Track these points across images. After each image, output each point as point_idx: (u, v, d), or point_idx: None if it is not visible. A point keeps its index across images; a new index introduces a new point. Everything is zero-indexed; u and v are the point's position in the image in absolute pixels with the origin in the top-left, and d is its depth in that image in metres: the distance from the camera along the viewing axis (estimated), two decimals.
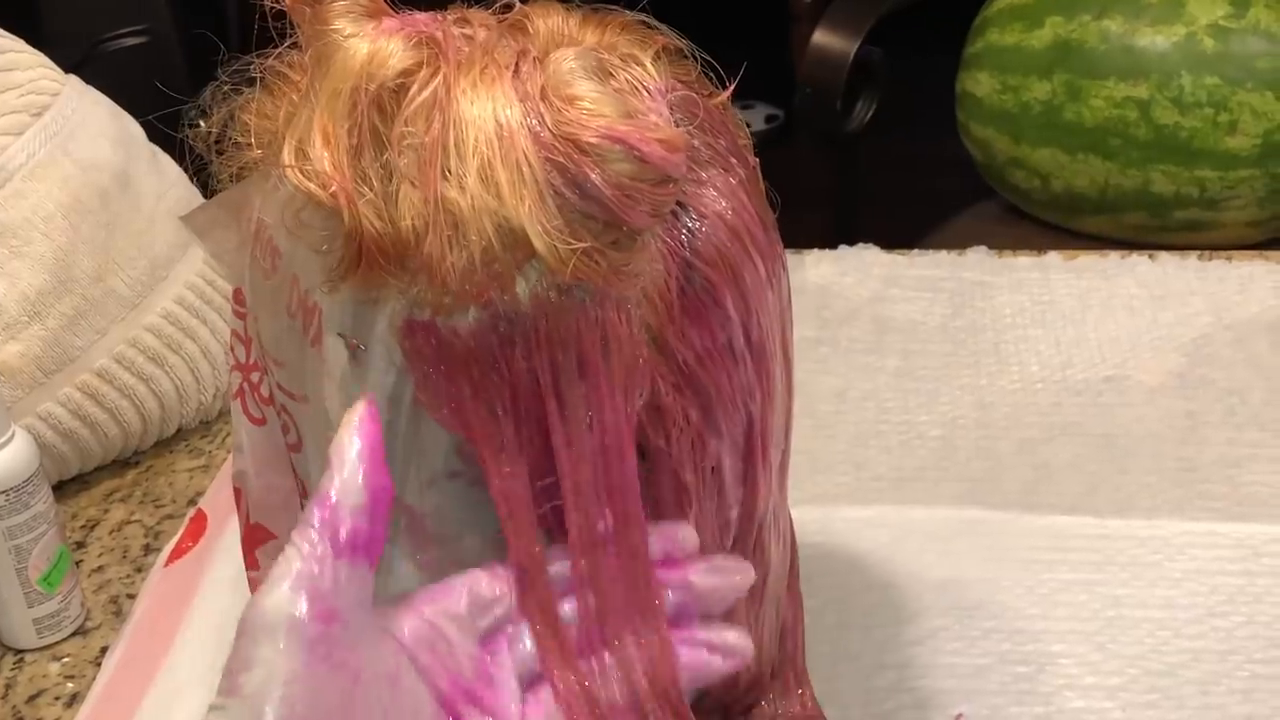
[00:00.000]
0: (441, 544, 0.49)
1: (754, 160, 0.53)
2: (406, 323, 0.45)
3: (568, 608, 0.47)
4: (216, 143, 0.49)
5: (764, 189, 0.53)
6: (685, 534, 0.50)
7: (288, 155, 0.44)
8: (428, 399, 0.45)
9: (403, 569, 0.50)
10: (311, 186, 0.43)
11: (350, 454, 0.43)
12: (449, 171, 0.43)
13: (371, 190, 0.43)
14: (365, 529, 0.43)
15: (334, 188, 0.43)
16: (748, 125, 0.53)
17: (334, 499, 0.43)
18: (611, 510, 0.46)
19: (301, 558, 0.42)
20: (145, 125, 0.91)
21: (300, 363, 0.49)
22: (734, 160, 0.51)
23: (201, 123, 0.50)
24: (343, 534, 0.42)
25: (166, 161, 0.91)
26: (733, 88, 0.53)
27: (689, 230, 0.48)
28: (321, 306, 0.47)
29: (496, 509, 0.46)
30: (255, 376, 0.55)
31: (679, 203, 0.48)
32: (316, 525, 0.42)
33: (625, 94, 0.46)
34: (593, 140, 0.44)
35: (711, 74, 0.52)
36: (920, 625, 0.72)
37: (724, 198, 0.49)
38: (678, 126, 0.47)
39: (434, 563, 0.49)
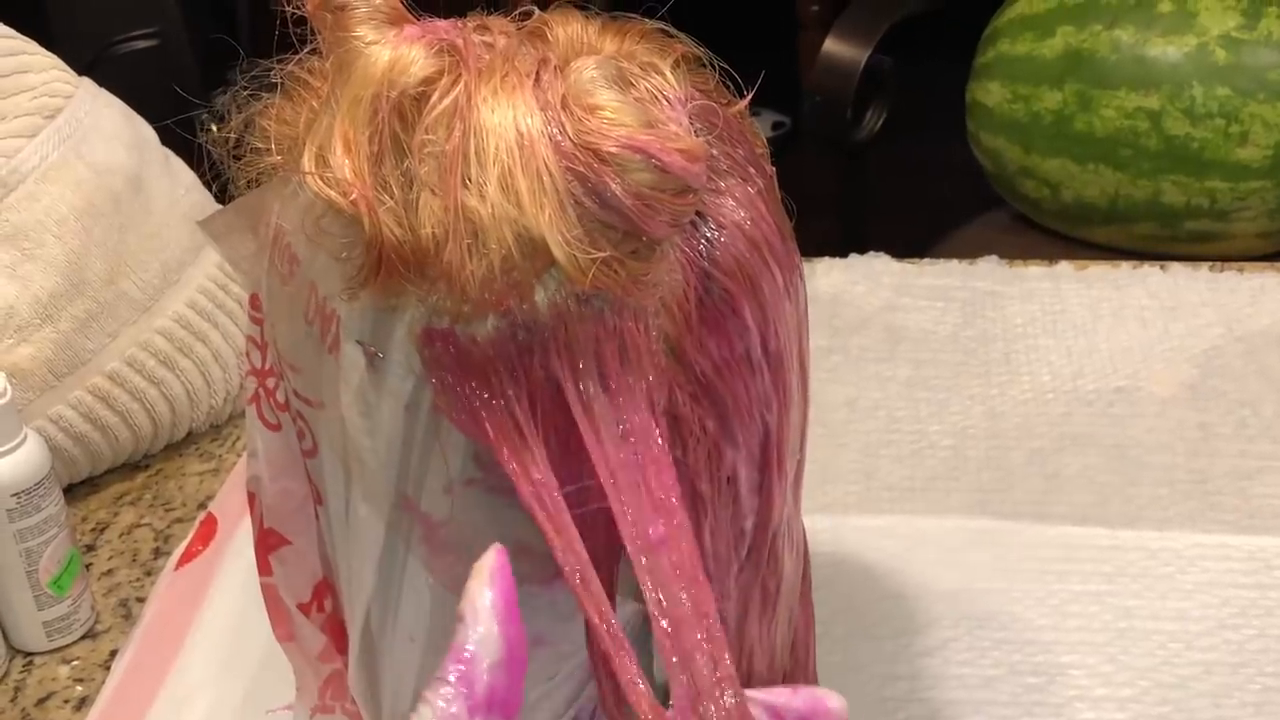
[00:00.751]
0: (458, 552, 0.48)
1: (771, 169, 0.53)
2: (425, 330, 0.45)
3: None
4: (234, 148, 0.49)
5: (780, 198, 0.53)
6: (835, 703, 0.47)
7: (308, 162, 0.44)
8: (447, 406, 0.45)
9: (414, 577, 0.50)
10: (332, 194, 0.43)
11: (484, 605, 0.42)
12: (469, 180, 0.43)
13: (392, 198, 0.43)
14: (503, 685, 0.42)
15: (354, 195, 0.43)
16: (766, 141, 0.53)
17: (469, 654, 0.42)
18: (657, 514, 0.46)
19: (436, 715, 0.41)
20: (157, 129, 0.91)
21: (317, 369, 0.49)
22: (752, 170, 0.51)
23: (215, 127, 0.49)
24: (479, 690, 0.41)
25: (179, 165, 0.91)
26: (750, 97, 0.53)
27: (707, 240, 0.48)
28: (340, 314, 0.47)
29: (531, 515, 0.45)
30: (271, 382, 0.55)
31: (698, 213, 0.48)
32: (454, 681, 0.41)
33: (646, 103, 0.46)
34: (613, 150, 0.44)
35: (725, 82, 0.52)
36: (931, 636, 0.72)
37: (742, 208, 0.49)
38: (697, 136, 0.47)
39: (449, 570, 0.49)
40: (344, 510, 0.51)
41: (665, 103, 0.47)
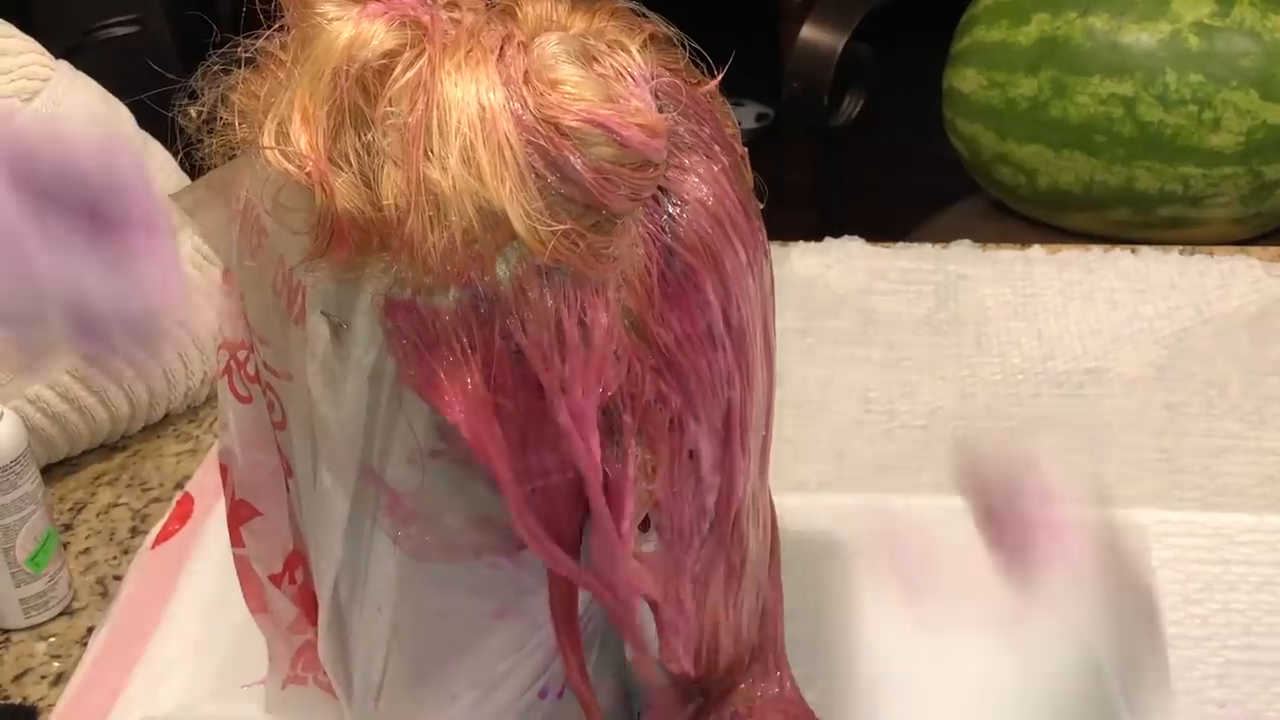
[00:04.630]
0: (421, 522, 0.49)
1: (742, 149, 0.53)
2: (388, 302, 0.45)
3: None
4: (207, 123, 0.50)
5: (753, 180, 0.53)
6: None
7: (268, 136, 0.45)
8: (410, 377, 0.46)
9: (380, 547, 0.51)
10: (289, 167, 0.44)
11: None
12: (431, 152, 0.44)
13: (351, 170, 0.44)
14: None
15: (309, 168, 0.44)
16: (737, 123, 0.54)
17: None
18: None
19: None
20: (136, 113, 0.92)
21: (285, 341, 0.50)
22: (718, 147, 0.51)
23: (192, 108, 0.50)
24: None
25: (156, 148, 0.91)
26: (721, 76, 0.53)
27: (670, 215, 0.49)
28: (306, 285, 0.48)
29: (495, 487, 0.46)
30: (242, 354, 0.55)
31: (660, 188, 0.48)
32: None
33: (609, 79, 0.47)
34: (573, 124, 0.44)
35: (702, 65, 0.53)
36: (901, 610, 0.72)
37: (706, 184, 0.50)
38: (661, 113, 0.48)
39: (412, 539, 0.50)
40: (312, 482, 0.52)
41: (629, 79, 0.47)
